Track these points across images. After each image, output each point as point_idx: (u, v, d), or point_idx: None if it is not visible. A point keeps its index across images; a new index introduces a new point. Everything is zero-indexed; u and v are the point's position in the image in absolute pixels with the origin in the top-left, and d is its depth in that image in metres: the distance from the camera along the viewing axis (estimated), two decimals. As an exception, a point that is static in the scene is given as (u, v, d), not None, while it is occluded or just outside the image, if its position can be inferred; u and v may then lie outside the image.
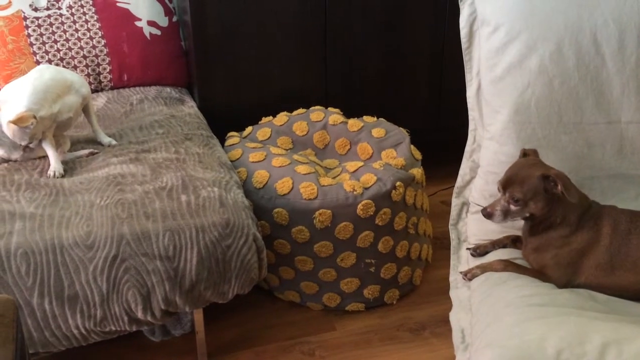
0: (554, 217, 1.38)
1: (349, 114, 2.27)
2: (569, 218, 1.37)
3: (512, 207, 1.38)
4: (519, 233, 1.52)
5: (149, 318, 1.53)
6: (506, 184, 1.39)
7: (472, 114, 1.71)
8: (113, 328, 1.52)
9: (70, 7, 2.34)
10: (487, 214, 1.40)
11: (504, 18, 1.56)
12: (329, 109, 2.27)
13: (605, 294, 1.34)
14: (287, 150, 2.14)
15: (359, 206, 1.83)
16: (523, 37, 1.54)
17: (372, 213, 1.85)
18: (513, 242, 1.54)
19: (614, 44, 1.53)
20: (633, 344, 1.11)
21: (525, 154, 1.46)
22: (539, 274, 1.40)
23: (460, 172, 1.75)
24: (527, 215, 1.39)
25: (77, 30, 2.32)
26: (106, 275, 1.46)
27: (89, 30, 2.33)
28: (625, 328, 1.16)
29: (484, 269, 1.47)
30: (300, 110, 2.25)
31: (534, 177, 1.36)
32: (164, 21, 2.45)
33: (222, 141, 2.14)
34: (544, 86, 1.54)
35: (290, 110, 2.26)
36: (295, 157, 2.04)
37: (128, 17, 2.38)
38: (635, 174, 1.56)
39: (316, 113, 2.22)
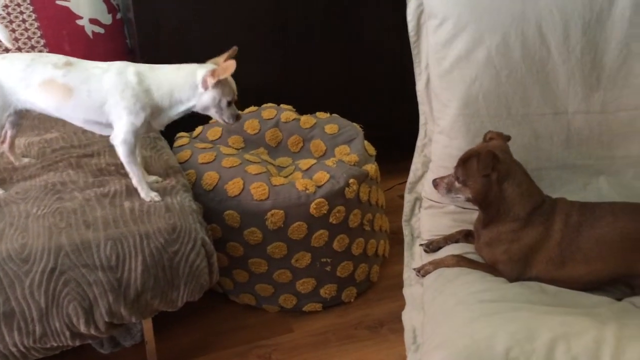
0: (498, 206, 1.36)
1: (307, 111, 2.21)
2: (517, 211, 1.35)
3: (456, 184, 1.39)
4: (472, 227, 1.51)
5: (92, 331, 1.46)
6: (458, 161, 1.39)
7: (423, 107, 1.68)
8: (54, 344, 1.45)
9: (6, 6, 2.23)
10: (436, 184, 1.44)
11: (451, 10, 1.54)
12: (282, 105, 2.22)
13: (556, 286, 1.33)
14: (238, 149, 2.08)
15: (312, 205, 1.79)
16: (470, 30, 1.52)
17: (325, 212, 1.81)
18: (465, 236, 1.53)
19: (559, 34, 1.52)
20: (581, 339, 1.10)
21: (491, 138, 1.44)
22: (491, 268, 1.39)
23: (412, 167, 1.72)
24: (470, 196, 1.38)
25: (14, 30, 2.21)
26: (44, 289, 1.39)
27: (26, 30, 2.23)
28: (575, 321, 1.16)
29: (436, 265, 1.45)
30: (252, 108, 2.20)
31: (474, 157, 1.35)
32: (107, 19, 2.36)
33: (171, 142, 2.07)
34: (492, 78, 1.52)
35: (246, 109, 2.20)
36: (247, 156, 1.98)
37: (68, 15, 2.29)
38: (582, 164, 1.56)
39: (268, 110, 2.17)
